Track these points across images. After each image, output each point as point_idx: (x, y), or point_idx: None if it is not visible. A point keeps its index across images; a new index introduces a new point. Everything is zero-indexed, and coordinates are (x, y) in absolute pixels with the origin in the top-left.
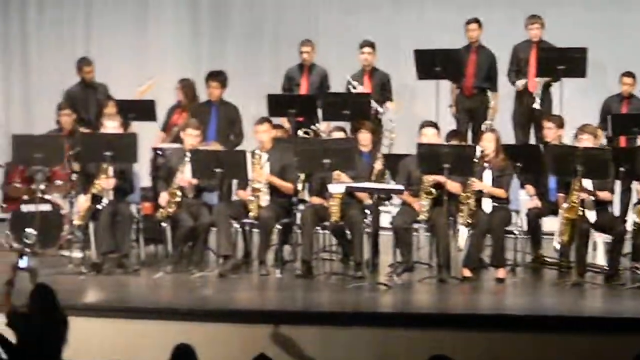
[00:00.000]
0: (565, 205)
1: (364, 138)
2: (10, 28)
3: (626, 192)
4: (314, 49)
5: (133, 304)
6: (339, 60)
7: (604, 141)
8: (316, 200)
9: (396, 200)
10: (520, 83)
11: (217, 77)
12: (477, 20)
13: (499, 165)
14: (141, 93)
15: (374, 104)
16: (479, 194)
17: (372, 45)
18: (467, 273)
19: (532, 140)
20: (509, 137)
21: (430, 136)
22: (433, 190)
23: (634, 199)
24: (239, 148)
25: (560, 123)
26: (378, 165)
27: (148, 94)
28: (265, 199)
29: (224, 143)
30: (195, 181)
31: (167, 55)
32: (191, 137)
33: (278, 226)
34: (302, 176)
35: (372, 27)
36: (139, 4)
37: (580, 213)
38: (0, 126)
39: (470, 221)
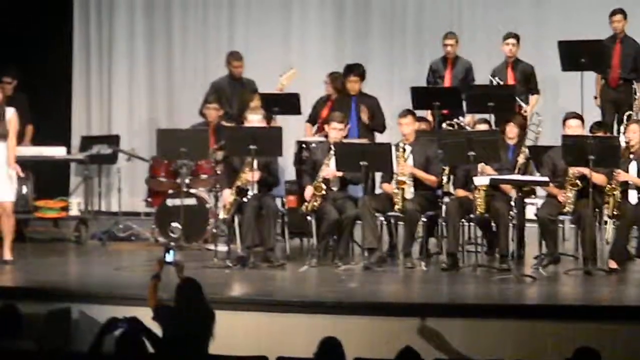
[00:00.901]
0: None
1: (512, 131)
2: (155, 22)
3: None
4: (457, 41)
5: (279, 298)
6: (484, 52)
7: None
8: (461, 192)
9: (541, 192)
10: None
11: (356, 70)
12: (622, 11)
13: None
14: (284, 83)
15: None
16: (625, 186)
17: (516, 36)
18: (613, 265)
19: None
20: None
21: (574, 128)
22: (578, 182)
23: None
24: (381, 140)
25: None
26: (522, 158)
27: (290, 86)
28: (410, 192)
29: (366, 136)
30: (340, 174)
31: (310, 48)
32: (335, 131)
33: (423, 219)
34: (447, 169)
35: (515, 19)
36: None
37: None
38: (145, 120)
39: (616, 213)
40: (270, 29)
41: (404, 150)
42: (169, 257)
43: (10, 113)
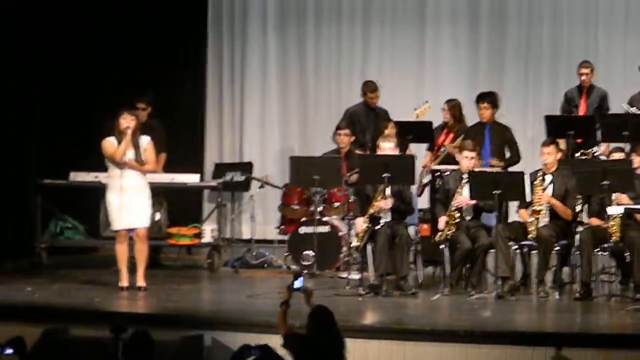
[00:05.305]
0: None
1: (636, 160)
2: (288, 48)
3: None
4: (593, 70)
5: (411, 326)
6: (620, 81)
7: None
8: (595, 221)
9: None
10: None
11: (487, 97)
12: None
13: None
14: (418, 116)
15: None
16: None
17: None
18: None
19: None
20: None
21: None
22: None
23: None
24: (516, 169)
25: None
26: None
27: (424, 118)
28: (544, 221)
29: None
30: (472, 202)
31: (443, 78)
32: (467, 159)
33: (557, 247)
34: (581, 197)
35: None
36: (417, 24)
37: None
38: (278, 148)
39: None
40: (403, 58)
41: (544, 179)
42: (298, 284)
43: (146, 142)
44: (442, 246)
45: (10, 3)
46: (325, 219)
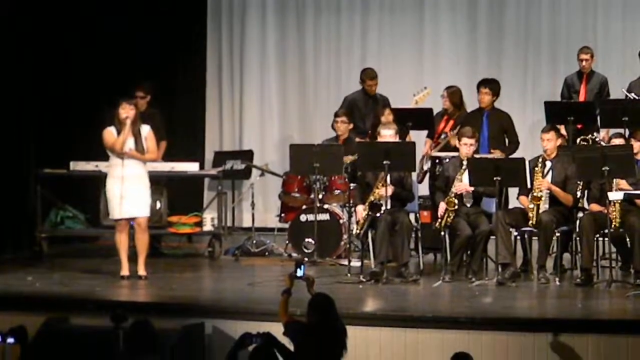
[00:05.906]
0: None
1: (635, 146)
2: (288, 36)
3: None
4: (593, 55)
5: (412, 313)
6: (620, 66)
7: None
8: (595, 207)
9: None
10: None
11: (488, 84)
12: None
13: None
14: (417, 102)
15: None
16: None
17: None
18: None
19: None
20: None
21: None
22: None
23: None
24: (515, 155)
25: None
26: None
27: (423, 104)
28: (544, 208)
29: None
30: (471, 189)
31: (443, 65)
32: (466, 146)
33: (557, 233)
34: (581, 184)
35: None
36: (415, 10)
37: None
38: (278, 136)
39: None
40: (402, 45)
41: (544, 165)
42: (300, 272)
43: (146, 131)
44: (442, 233)
45: None
46: (325, 206)
